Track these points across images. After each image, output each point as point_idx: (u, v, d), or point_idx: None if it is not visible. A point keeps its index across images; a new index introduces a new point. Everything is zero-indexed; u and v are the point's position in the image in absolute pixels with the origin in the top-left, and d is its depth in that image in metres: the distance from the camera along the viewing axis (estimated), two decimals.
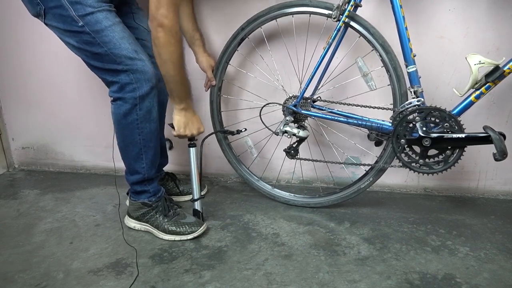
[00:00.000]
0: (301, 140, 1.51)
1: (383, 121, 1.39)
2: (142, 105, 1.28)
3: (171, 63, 1.22)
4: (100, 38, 1.19)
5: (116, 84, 1.26)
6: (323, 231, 1.42)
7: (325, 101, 1.49)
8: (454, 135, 1.29)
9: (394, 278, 1.17)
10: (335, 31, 1.35)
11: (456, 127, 1.29)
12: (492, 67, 1.23)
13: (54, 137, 2.02)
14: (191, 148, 1.42)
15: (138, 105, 1.27)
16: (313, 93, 1.49)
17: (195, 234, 1.37)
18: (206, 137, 1.55)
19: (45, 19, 1.22)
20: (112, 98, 1.30)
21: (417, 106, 1.32)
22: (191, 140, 1.42)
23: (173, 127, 1.37)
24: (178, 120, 1.34)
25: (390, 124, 1.37)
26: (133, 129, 1.31)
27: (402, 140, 1.34)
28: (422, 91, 1.33)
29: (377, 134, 1.40)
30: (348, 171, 1.74)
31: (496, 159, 1.23)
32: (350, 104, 1.48)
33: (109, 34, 1.19)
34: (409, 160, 1.36)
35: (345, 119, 1.43)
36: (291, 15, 1.44)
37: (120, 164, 1.43)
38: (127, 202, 1.51)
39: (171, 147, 1.88)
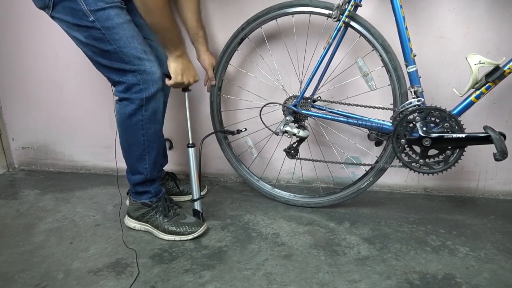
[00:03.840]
0: (301, 140, 1.51)
1: (383, 121, 1.39)
2: (148, 106, 1.27)
3: (158, 11, 1.14)
4: (111, 35, 1.18)
5: (122, 84, 1.25)
6: (323, 231, 1.42)
7: (325, 101, 1.49)
8: (454, 135, 1.29)
9: (394, 278, 1.17)
10: (335, 31, 1.35)
11: (456, 127, 1.29)
12: (492, 67, 1.23)
13: (54, 137, 2.02)
14: (190, 148, 1.42)
15: (144, 106, 1.26)
16: (313, 93, 1.49)
17: (195, 235, 1.37)
18: (206, 137, 1.55)
19: (53, 11, 1.20)
20: (117, 98, 1.29)
21: (417, 106, 1.32)
22: (186, 90, 1.39)
23: (168, 76, 1.31)
24: (175, 68, 1.29)
25: (390, 124, 1.37)
26: (138, 130, 1.30)
27: (402, 140, 1.34)
28: (422, 91, 1.33)
29: (377, 134, 1.40)
30: (348, 171, 1.74)
31: (496, 159, 1.23)
32: (350, 104, 1.48)
33: (120, 31, 1.18)
34: (409, 160, 1.36)
35: (345, 119, 1.43)
36: (291, 15, 1.44)
37: (122, 164, 1.43)
38: (127, 202, 1.51)
39: (171, 147, 1.88)
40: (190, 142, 1.43)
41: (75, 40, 1.24)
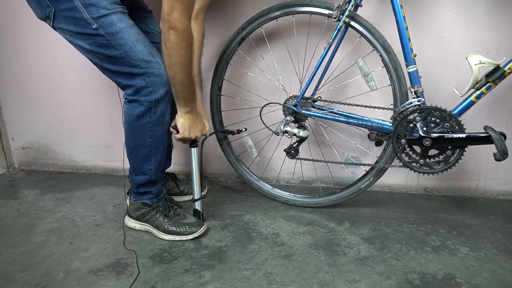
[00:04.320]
0: (301, 140, 1.51)
1: (383, 121, 1.39)
2: (157, 109, 1.26)
3: (180, 66, 1.19)
4: (115, 40, 1.17)
5: (131, 88, 1.24)
6: (323, 231, 1.42)
7: (326, 101, 1.49)
8: (455, 135, 1.29)
9: (394, 278, 1.17)
10: (336, 31, 1.35)
11: (456, 127, 1.29)
12: (493, 67, 1.23)
13: (54, 137, 2.02)
14: (193, 148, 1.42)
15: (152, 109, 1.26)
16: (314, 93, 1.49)
17: (195, 235, 1.37)
18: (207, 137, 1.55)
19: (54, 22, 1.19)
20: (126, 99, 1.29)
21: (417, 106, 1.32)
22: (193, 145, 1.41)
23: (176, 130, 1.35)
24: (182, 123, 1.32)
25: (391, 124, 1.37)
26: (145, 132, 1.30)
27: (403, 140, 1.34)
28: (423, 91, 1.33)
29: (377, 134, 1.40)
30: (348, 171, 1.74)
31: (496, 159, 1.23)
32: (350, 104, 1.48)
33: (124, 36, 1.17)
34: (410, 160, 1.36)
35: (346, 119, 1.43)
36: (292, 15, 1.44)
37: (121, 164, 1.43)
38: (127, 202, 1.51)
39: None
40: (193, 144, 1.42)
41: (79, 48, 1.23)
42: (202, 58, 1.51)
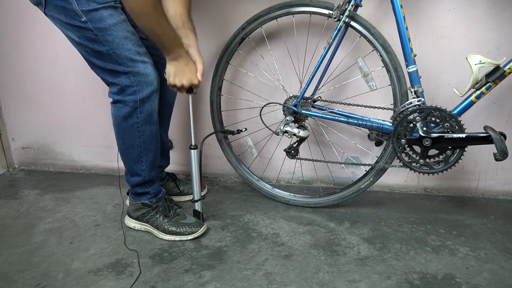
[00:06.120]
0: (301, 140, 1.51)
1: (383, 121, 1.39)
2: (143, 108, 1.26)
3: (144, 17, 1.13)
4: (103, 36, 1.16)
5: (116, 86, 1.25)
6: (323, 231, 1.42)
7: (326, 101, 1.49)
8: (455, 135, 1.29)
9: (394, 278, 1.17)
10: (336, 31, 1.35)
11: (456, 127, 1.29)
12: (493, 67, 1.23)
13: (54, 137, 2.02)
14: (192, 150, 1.42)
15: (138, 108, 1.26)
16: (314, 93, 1.49)
17: (195, 235, 1.37)
18: (206, 137, 1.55)
19: (45, 9, 1.19)
20: (112, 100, 1.29)
21: (417, 106, 1.32)
22: (189, 92, 1.36)
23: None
24: (168, 69, 1.27)
25: (391, 124, 1.37)
26: (133, 132, 1.30)
27: (403, 140, 1.34)
28: (423, 91, 1.33)
29: (377, 134, 1.40)
30: (348, 171, 1.74)
31: (496, 159, 1.23)
32: (350, 104, 1.48)
33: (113, 33, 1.17)
34: (410, 160, 1.36)
35: (346, 119, 1.43)
36: (292, 15, 1.44)
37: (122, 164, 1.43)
38: (127, 202, 1.51)
39: (171, 147, 1.87)
40: (193, 144, 1.42)
41: (69, 38, 1.23)
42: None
